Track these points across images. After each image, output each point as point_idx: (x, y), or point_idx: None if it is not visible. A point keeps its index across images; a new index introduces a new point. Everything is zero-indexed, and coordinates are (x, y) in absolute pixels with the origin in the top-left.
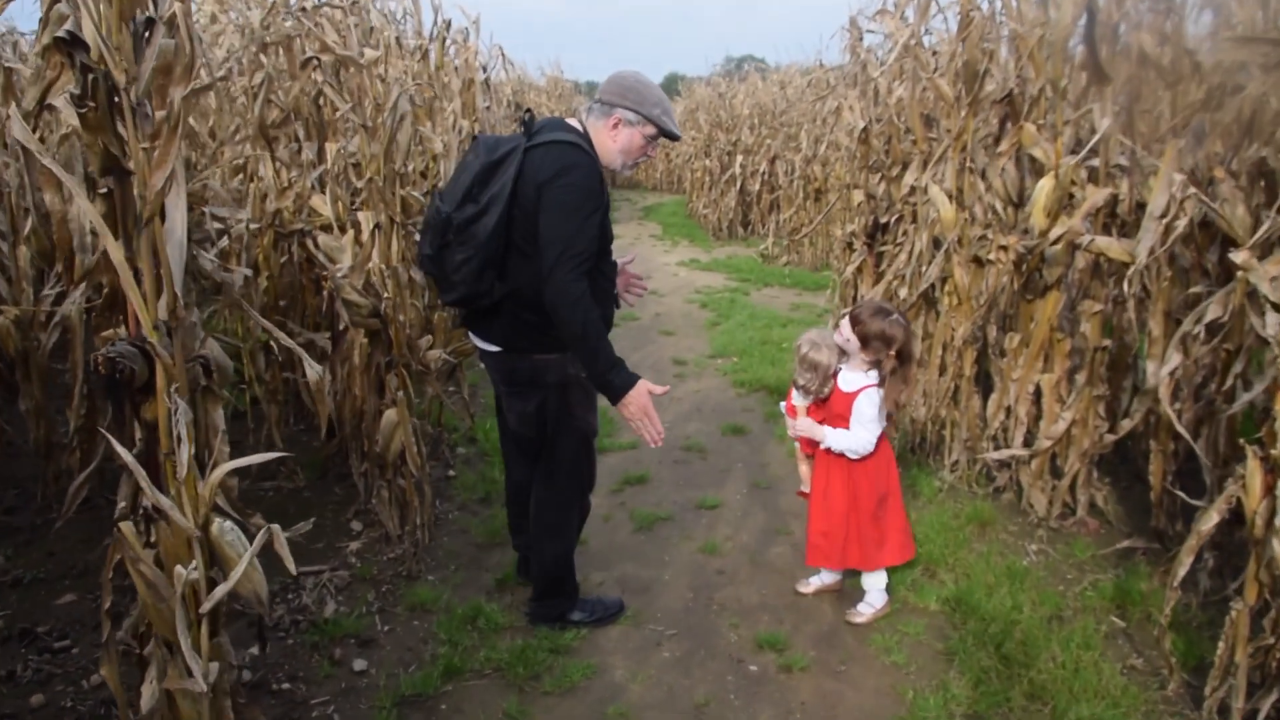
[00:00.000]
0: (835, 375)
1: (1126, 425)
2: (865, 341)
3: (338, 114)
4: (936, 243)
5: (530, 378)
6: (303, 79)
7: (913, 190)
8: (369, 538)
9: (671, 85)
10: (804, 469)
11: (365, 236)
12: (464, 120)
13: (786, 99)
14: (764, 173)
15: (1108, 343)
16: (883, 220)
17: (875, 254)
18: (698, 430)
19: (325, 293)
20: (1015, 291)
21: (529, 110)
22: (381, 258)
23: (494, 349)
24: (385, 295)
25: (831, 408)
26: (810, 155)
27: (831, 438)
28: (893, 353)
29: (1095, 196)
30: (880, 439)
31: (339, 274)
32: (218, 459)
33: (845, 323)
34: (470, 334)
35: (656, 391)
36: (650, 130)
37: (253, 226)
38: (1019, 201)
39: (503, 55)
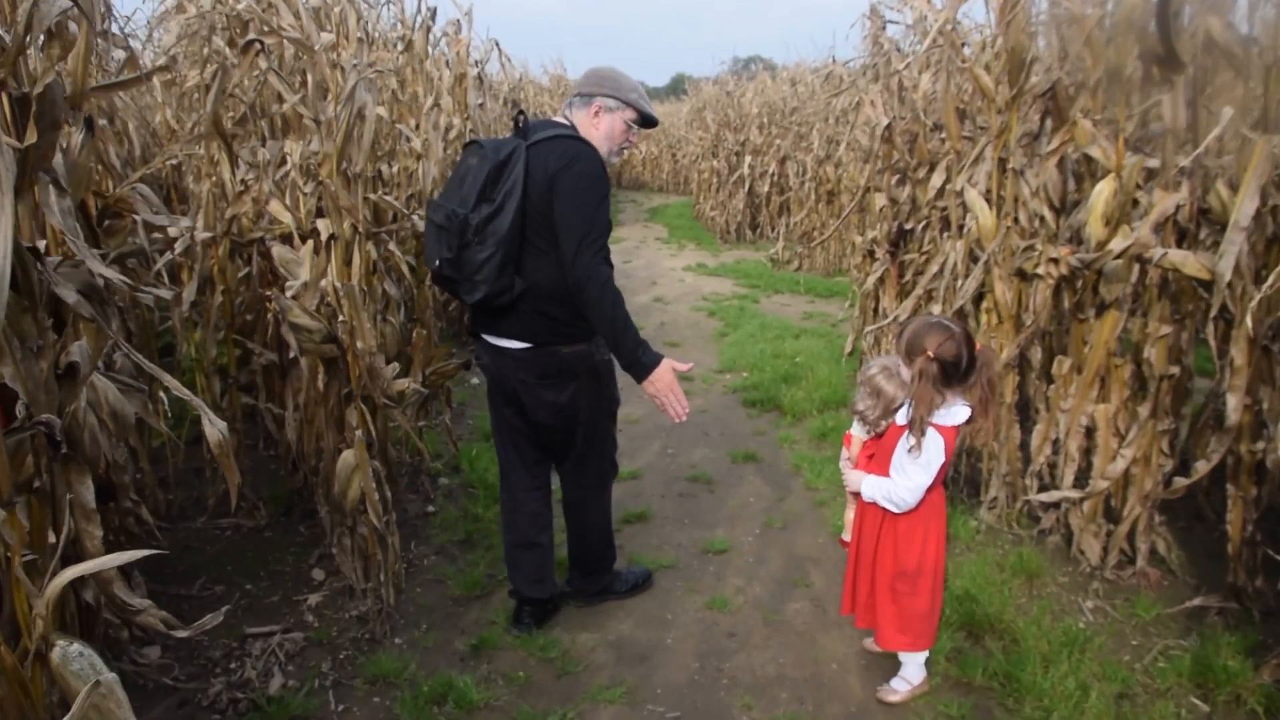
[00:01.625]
0: (898, 411)
1: (1203, 468)
2: (903, 350)
3: (285, 106)
4: (973, 254)
5: (561, 369)
6: (244, 66)
7: (940, 193)
8: (332, 589)
9: (678, 86)
10: (849, 514)
11: (342, 245)
12: (455, 118)
13: (797, 97)
14: (773, 174)
15: (1175, 370)
16: (907, 227)
17: (898, 263)
18: (704, 458)
19: (270, 315)
20: (1066, 310)
21: (521, 111)
22: (339, 273)
23: (517, 346)
24: (340, 317)
25: (885, 444)
26: (823, 156)
27: (865, 483)
28: (927, 358)
29: (1165, 202)
30: (932, 496)
31: (288, 293)
32: (82, 549)
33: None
34: (486, 335)
35: (680, 369)
36: (629, 115)
37: (204, 235)
38: (1061, 207)
39: (499, 50)
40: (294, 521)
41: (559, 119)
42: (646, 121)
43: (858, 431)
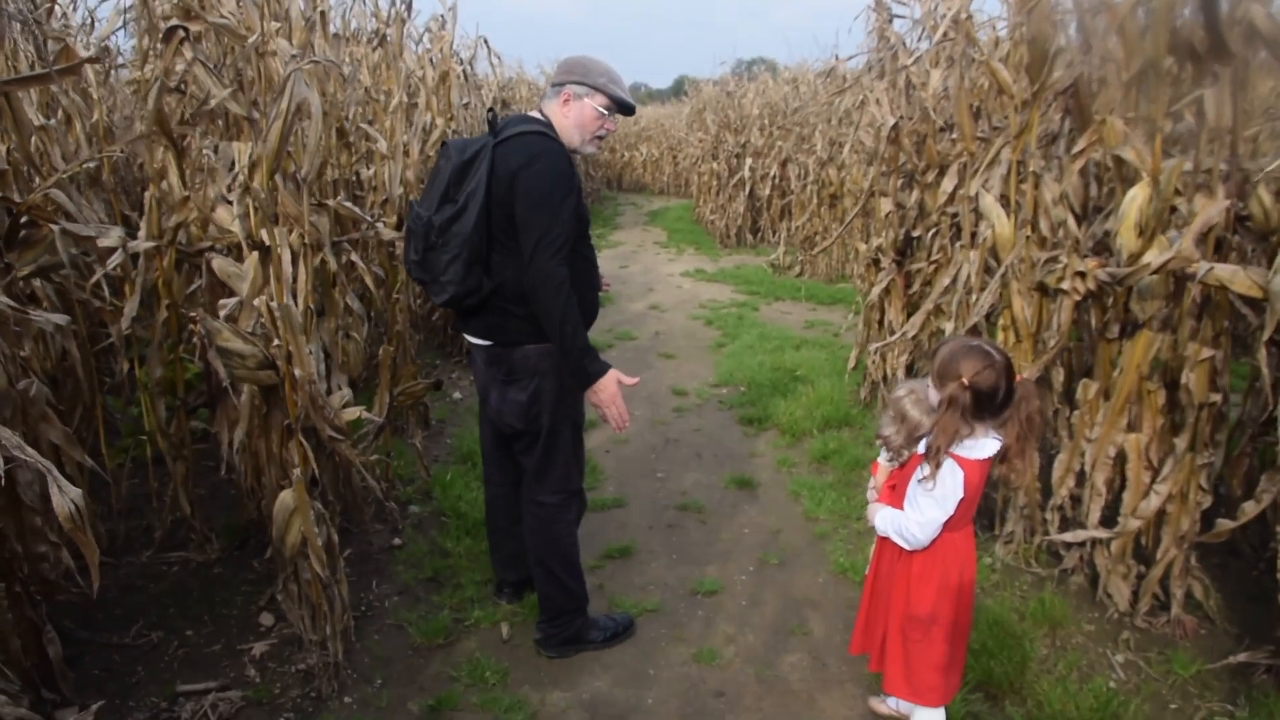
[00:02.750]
0: (922, 438)
1: (1252, 510)
2: (935, 375)
3: (213, 102)
4: (987, 265)
5: (525, 367)
6: (167, 56)
7: (951, 199)
8: (280, 636)
9: (681, 88)
10: (874, 548)
11: (277, 258)
12: (439, 119)
13: (799, 97)
14: (774, 176)
15: (1216, 398)
16: (914, 234)
17: (905, 273)
18: (696, 483)
19: (195, 338)
20: (1093, 328)
21: (492, 109)
22: (276, 291)
23: (488, 344)
24: (275, 341)
25: (906, 474)
26: (825, 158)
27: (879, 515)
28: (961, 385)
29: (1209, 211)
30: (954, 537)
31: (223, 312)
32: None
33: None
34: (465, 333)
35: (626, 382)
36: (600, 100)
37: (146, 245)
38: (1081, 214)
39: (488, 48)
40: (248, 555)
41: (534, 113)
42: (621, 107)
43: (884, 460)
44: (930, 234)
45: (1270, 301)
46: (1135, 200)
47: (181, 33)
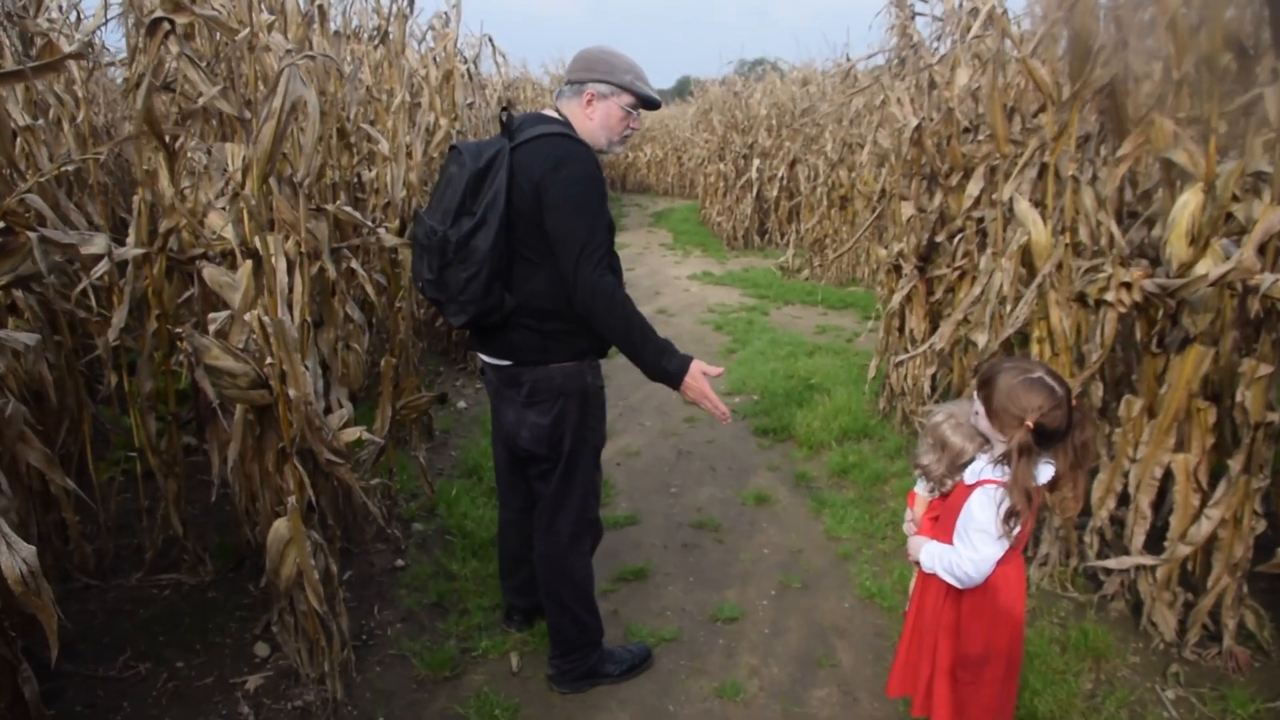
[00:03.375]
0: (965, 467)
1: None
2: (991, 408)
3: (201, 101)
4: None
5: (548, 389)
6: (150, 51)
7: (977, 203)
8: (276, 667)
9: (684, 88)
10: (914, 582)
11: (270, 269)
12: (443, 119)
13: (809, 97)
14: (782, 178)
15: (1274, 417)
16: (937, 239)
17: (927, 280)
18: (711, 499)
19: (183, 355)
20: (1138, 342)
21: (505, 108)
22: (270, 304)
23: (507, 363)
24: (269, 360)
25: (951, 505)
26: (835, 159)
27: (924, 550)
28: (1027, 429)
29: (1271, 218)
30: (1005, 570)
31: (212, 326)
32: None
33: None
34: (480, 353)
35: (711, 372)
36: (626, 99)
37: (135, 252)
38: (1117, 220)
39: (493, 46)
40: (244, 578)
41: (549, 112)
42: (647, 104)
43: (921, 490)
44: (954, 239)
45: None
46: (1188, 206)
47: (167, 25)
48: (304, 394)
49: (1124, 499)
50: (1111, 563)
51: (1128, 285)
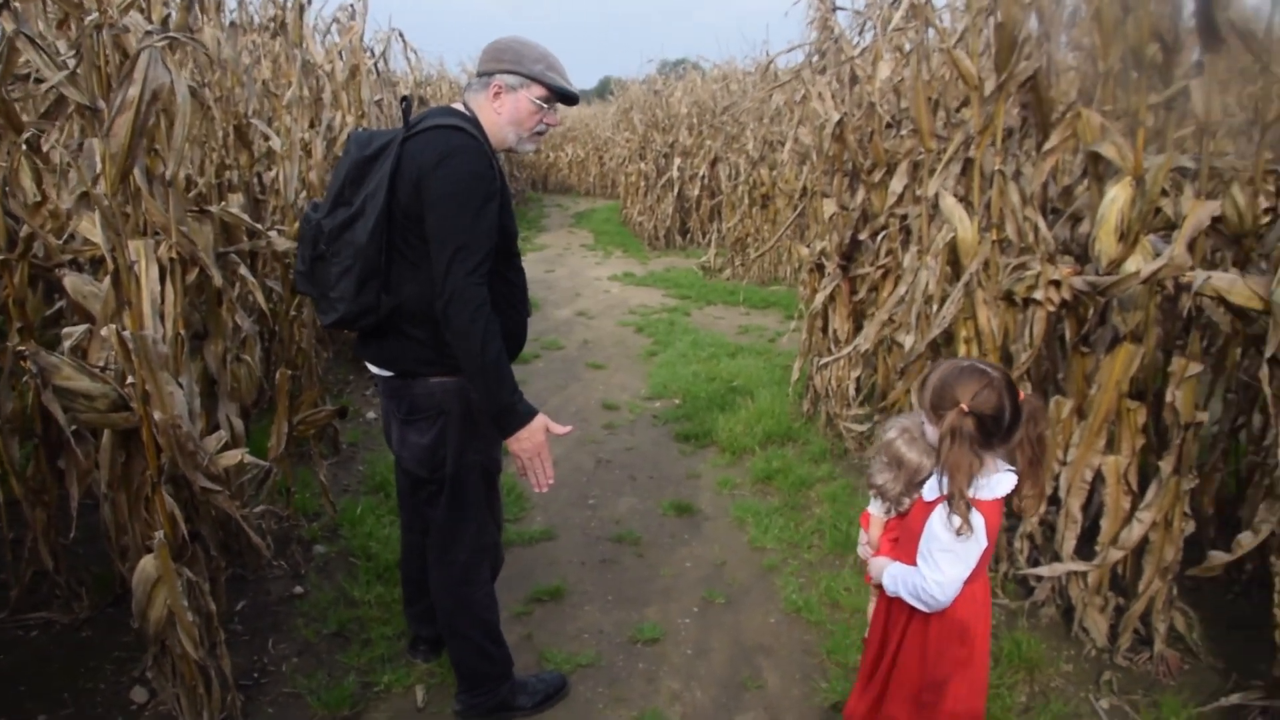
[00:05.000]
0: (923, 482)
1: (1249, 541)
2: (931, 409)
3: (44, 88)
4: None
5: (428, 405)
6: None
7: (900, 199)
8: (156, 714)
9: (605, 88)
10: (872, 605)
11: (130, 278)
12: (349, 115)
13: (729, 95)
14: (704, 176)
15: (1203, 417)
16: (860, 237)
17: (850, 279)
18: (631, 510)
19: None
20: (1066, 341)
21: (406, 98)
22: (130, 317)
23: (387, 374)
24: (129, 379)
25: (910, 525)
26: (756, 157)
27: (887, 573)
28: (961, 412)
29: (1199, 213)
30: (973, 589)
31: (66, 343)
32: None
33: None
34: (365, 361)
35: (557, 432)
36: (538, 91)
37: None
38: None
39: (403, 41)
40: (124, 613)
41: (457, 106)
42: (561, 96)
43: (876, 510)
44: (878, 237)
45: (1274, 313)
46: (1116, 202)
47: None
48: (172, 416)
49: (1053, 500)
50: (1045, 570)
51: (1056, 283)
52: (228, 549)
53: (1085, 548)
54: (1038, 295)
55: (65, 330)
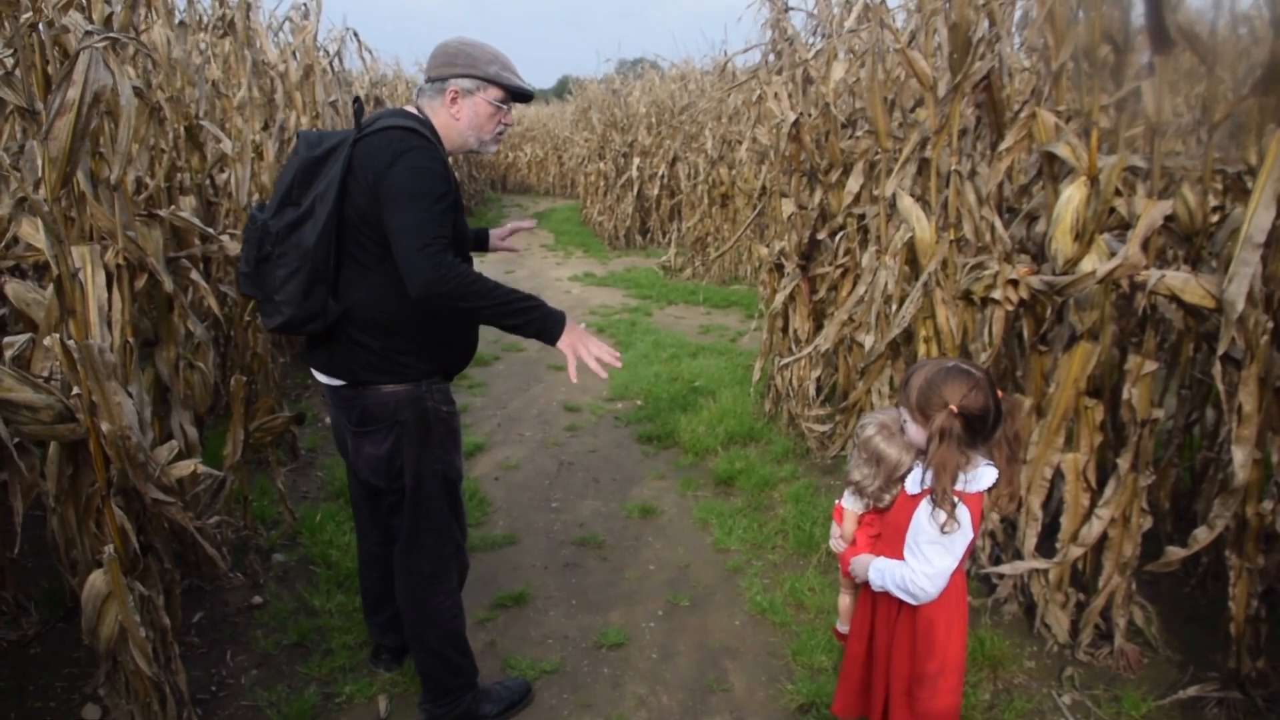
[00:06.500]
0: (904, 479)
1: (1205, 536)
2: (915, 408)
3: None
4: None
5: (381, 415)
6: None
7: (857, 199)
8: None
9: (564, 87)
10: (845, 601)
11: (72, 285)
12: (303, 116)
13: (688, 94)
14: (663, 176)
15: (1159, 413)
16: (819, 237)
17: (810, 279)
18: (594, 513)
19: None
20: (1023, 340)
21: (358, 98)
22: (75, 326)
23: (336, 384)
24: (75, 390)
25: (891, 519)
26: (716, 157)
27: (873, 568)
28: (950, 413)
29: (1152, 212)
30: (956, 579)
31: (8, 352)
32: None
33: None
34: (313, 370)
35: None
36: (494, 93)
37: None
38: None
39: (358, 41)
40: (74, 629)
41: (410, 109)
42: (517, 95)
43: (850, 504)
44: (836, 237)
45: (1225, 312)
46: (1071, 201)
47: None
48: (121, 426)
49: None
50: (1007, 569)
51: (1014, 283)
52: (183, 560)
53: (1046, 545)
54: (996, 295)
55: (7, 340)
